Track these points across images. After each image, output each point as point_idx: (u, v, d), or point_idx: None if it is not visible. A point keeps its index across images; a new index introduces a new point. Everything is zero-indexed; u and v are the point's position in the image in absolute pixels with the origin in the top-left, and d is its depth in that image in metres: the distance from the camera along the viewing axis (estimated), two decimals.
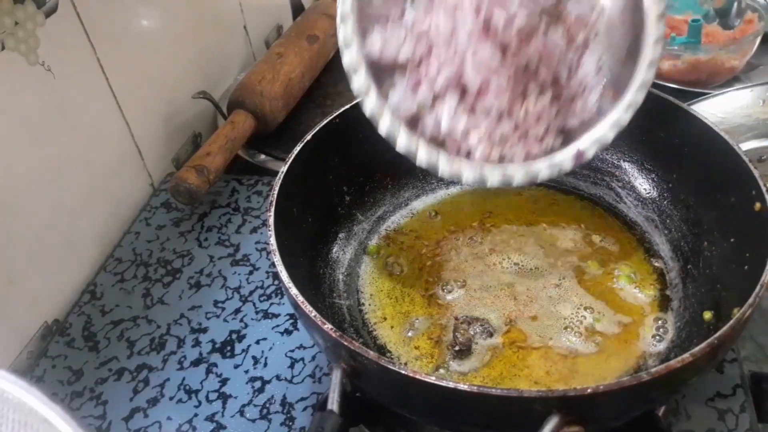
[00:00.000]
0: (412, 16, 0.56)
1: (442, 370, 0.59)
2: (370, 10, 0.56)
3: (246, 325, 0.71)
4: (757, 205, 0.55)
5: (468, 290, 0.66)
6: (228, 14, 1.08)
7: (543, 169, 0.59)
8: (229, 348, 0.69)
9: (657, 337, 0.60)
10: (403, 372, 0.44)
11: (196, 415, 0.63)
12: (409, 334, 0.63)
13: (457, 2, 0.54)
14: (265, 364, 0.67)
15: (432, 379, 0.44)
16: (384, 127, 0.58)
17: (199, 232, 0.84)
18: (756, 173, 0.56)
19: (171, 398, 0.65)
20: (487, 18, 0.54)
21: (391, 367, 0.45)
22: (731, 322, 0.45)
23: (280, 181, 0.61)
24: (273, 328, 0.71)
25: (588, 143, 0.59)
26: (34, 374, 0.68)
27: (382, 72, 0.57)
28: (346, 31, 0.55)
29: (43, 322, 0.73)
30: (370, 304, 0.66)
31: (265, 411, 0.63)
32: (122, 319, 0.73)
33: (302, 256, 0.64)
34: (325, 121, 0.68)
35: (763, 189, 0.55)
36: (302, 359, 0.67)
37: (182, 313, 0.73)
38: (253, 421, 0.62)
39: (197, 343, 0.70)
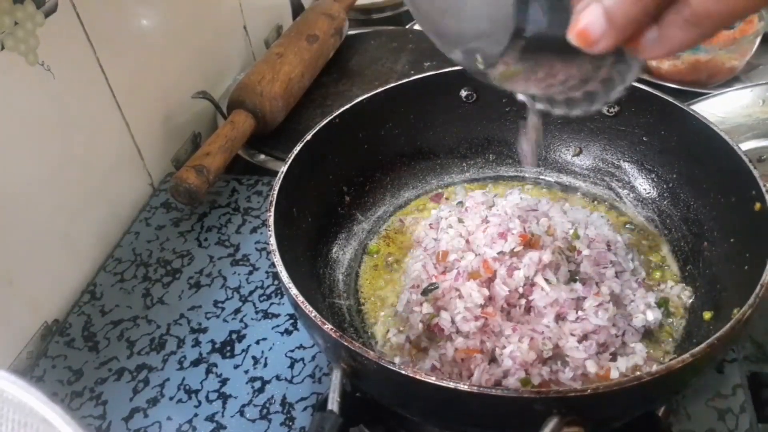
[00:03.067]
0: None
1: None
2: None
3: (246, 325, 0.71)
4: (757, 205, 0.55)
5: None
6: (228, 14, 1.08)
7: None
8: (229, 348, 0.69)
9: None
10: (403, 372, 0.44)
11: (196, 415, 0.63)
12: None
13: None
14: (265, 364, 0.67)
15: (432, 379, 0.44)
16: None
17: (199, 232, 0.83)
18: (756, 173, 0.56)
19: (171, 398, 0.65)
20: None
21: (391, 367, 0.45)
22: (731, 322, 0.45)
23: (280, 181, 0.61)
24: (273, 328, 0.71)
25: None
26: (34, 374, 0.68)
27: None
28: None
29: (43, 322, 0.73)
30: (370, 304, 0.66)
31: (265, 411, 0.63)
32: (122, 319, 0.73)
33: (302, 256, 0.64)
34: (325, 121, 0.68)
35: (763, 189, 0.55)
36: (302, 359, 0.67)
37: (182, 313, 0.73)
38: (253, 421, 0.62)
39: (197, 343, 0.70)
